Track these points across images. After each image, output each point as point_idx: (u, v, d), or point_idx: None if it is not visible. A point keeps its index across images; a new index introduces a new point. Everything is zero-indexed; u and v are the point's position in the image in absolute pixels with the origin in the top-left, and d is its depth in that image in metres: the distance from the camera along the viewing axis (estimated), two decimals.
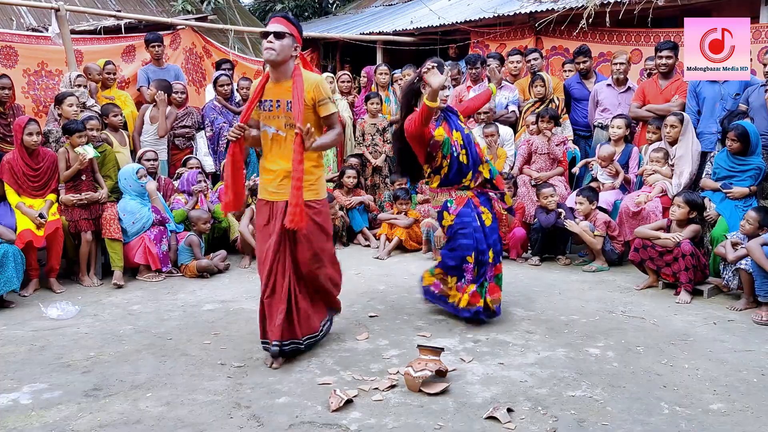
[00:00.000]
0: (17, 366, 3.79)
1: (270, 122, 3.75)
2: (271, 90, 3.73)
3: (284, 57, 3.64)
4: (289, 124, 3.68)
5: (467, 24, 9.37)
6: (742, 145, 5.26)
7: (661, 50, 6.35)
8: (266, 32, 3.62)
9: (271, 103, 3.73)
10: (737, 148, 5.29)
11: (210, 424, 3.08)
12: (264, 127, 3.79)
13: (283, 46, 3.60)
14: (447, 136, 4.31)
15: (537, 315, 4.66)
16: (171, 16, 11.25)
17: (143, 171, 5.87)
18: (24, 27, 9.75)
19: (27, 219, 5.24)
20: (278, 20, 3.66)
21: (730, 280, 4.91)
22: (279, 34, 3.59)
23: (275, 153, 3.78)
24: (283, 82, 3.70)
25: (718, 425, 3.05)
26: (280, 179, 3.73)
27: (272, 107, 3.72)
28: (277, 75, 3.71)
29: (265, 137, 3.80)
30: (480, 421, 3.08)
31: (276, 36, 3.59)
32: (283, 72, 3.70)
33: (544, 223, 6.01)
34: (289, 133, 3.67)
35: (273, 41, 3.57)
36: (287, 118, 3.68)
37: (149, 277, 5.69)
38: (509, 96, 7.31)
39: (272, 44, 3.57)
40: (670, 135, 5.92)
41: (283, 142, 3.73)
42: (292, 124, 3.62)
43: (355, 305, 4.88)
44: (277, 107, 3.71)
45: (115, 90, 7.20)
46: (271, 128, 3.75)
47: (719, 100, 5.99)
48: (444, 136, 4.30)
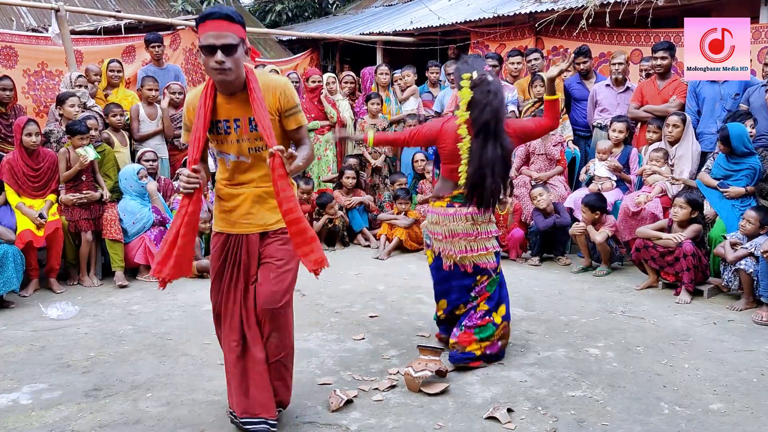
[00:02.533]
0: (17, 366, 3.79)
1: (228, 148, 2.88)
2: (224, 107, 2.83)
3: (239, 73, 2.75)
4: (254, 148, 2.86)
5: (467, 24, 9.37)
6: (726, 146, 5.27)
7: (656, 51, 6.36)
8: (211, 46, 2.64)
9: (227, 125, 2.85)
10: (723, 150, 5.31)
11: (210, 424, 3.08)
12: (221, 155, 2.93)
13: (237, 60, 2.70)
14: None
15: (537, 315, 4.66)
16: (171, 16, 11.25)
17: (144, 171, 5.87)
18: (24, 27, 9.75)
19: (27, 219, 5.24)
20: (221, 24, 2.66)
21: (731, 281, 4.91)
22: (229, 48, 2.66)
23: (237, 178, 2.94)
24: (238, 95, 2.82)
25: (718, 425, 3.05)
26: (248, 206, 2.92)
27: (229, 129, 2.85)
28: (230, 88, 2.79)
29: (222, 162, 2.97)
30: (480, 421, 3.08)
31: (226, 51, 2.65)
32: (236, 85, 2.79)
33: (541, 226, 6.01)
34: (256, 157, 2.88)
35: (224, 59, 2.65)
36: (250, 139, 2.85)
37: (149, 278, 5.68)
38: (508, 96, 7.29)
39: (224, 64, 2.65)
40: (672, 135, 5.91)
41: (248, 168, 2.92)
42: (260, 146, 2.85)
43: (355, 305, 4.88)
44: (236, 128, 2.84)
45: (123, 89, 7.14)
46: (229, 155, 2.90)
47: (719, 100, 6.00)
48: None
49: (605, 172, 6.31)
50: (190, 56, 8.88)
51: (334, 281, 5.48)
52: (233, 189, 2.94)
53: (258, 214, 2.92)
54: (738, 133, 5.23)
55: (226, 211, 2.97)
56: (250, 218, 2.93)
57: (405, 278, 5.62)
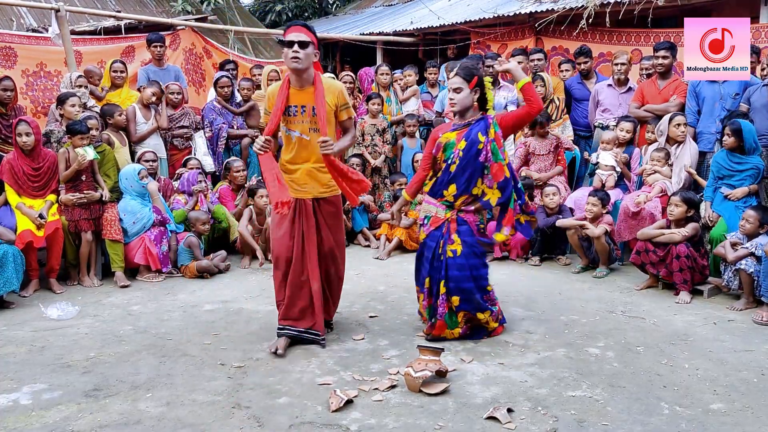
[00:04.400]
0: (17, 366, 3.79)
1: (294, 126, 3.91)
2: (295, 96, 3.88)
3: (308, 65, 3.79)
4: (313, 128, 3.87)
5: (467, 24, 9.38)
6: (736, 140, 5.25)
7: (658, 50, 6.36)
8: (291, 41, 3.72)
9: (296, 109, 3.89)
10: (731, 144, 5.27)
11: (210, 424, 3.08)
12: (288, 132, 3.94)
13: (308, 55, 3.75)
14: (453, 141, 4.05)
15: (537, 315, 4.66)
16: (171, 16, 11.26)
17: (145, 172, 5.87)
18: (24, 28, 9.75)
19: (27, 219, 5.24)
20: (300, 29, 3.78)
21: (731, 281, 4.91)
22: (303, 44, 3.72)
23: (300, 154, 3.95)
24: (306, 88, 3.87)
25: (719, 425, 3.05)
26: (305, 176, 3.95)
27: (297, 112, 3.89)
28: (301, 82, 3.85)
29: (288, 140, 3.98)
30: (480, 421, 3.08)
31: (301, 45, 3.71)
32: (306, 79, 3.84)
33: (542, 224, 6.01)
34: (313, 136, 3.86)
35: (299, 50, 3.71)
36: (311, 122, 3.87)
37: (149, 278, 5.69)
38: (508, 96, 7.31)
39: (298, 53, 3.71)
40: (684, 134, 5.87)
41: (307, 144, 3.91)
42: (316, 128, 3.85)
43: (355, 305, 4.88)
44: (302, 112, 3.89)
45: (127, 89, 7.11)
46: (295, 132, 3.92)
47: (719, 99, 5.99)
48: (451, 140, 4.06)
49: (610, 160, 6.29)
50: (189, 56, 8.88)
51: None
52: (294, 165, 3.97)
53: (311, 185, 3.96)
54: (750, 128, 5.24)
55: (290, 180, 3.95)
56: (305, 186, 3.97)
57: (405, 278, 5.61)
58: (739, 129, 5.22)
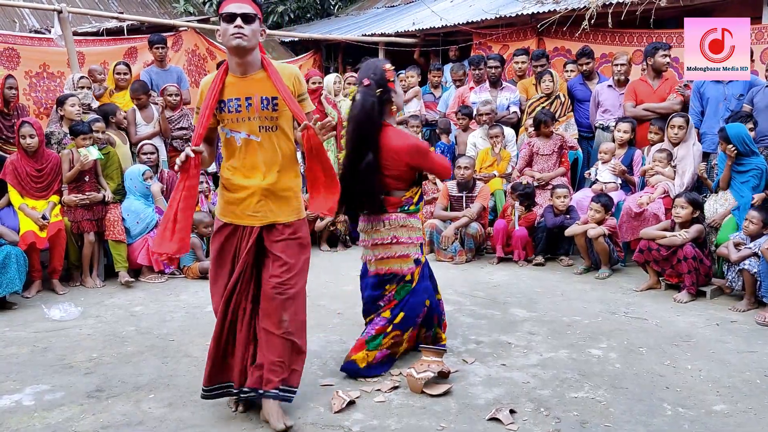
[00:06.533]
0: (20, 367, 3.79)
1: (237, 126, 2.99)
2: (236, 86, 2.98)
3: (255, 44, 2.96)
4: (265, 127, 3.00)
5: (469, 25, 9.37)
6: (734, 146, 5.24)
7: (664, 49, 6.39)
8: (231, 14, 2.88)
9: (238, 103, 2.97)
10: (733, 150, 5.26)
11: (212, 425, 3.08)
12: (230, 133, 3.01)
13: (254, 31, 2.92)
14: None
15: (539, 316, 4.65)
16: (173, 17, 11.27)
17: (150, 173, 5.89)
18: (27, 29, 9.77)
19: (30, 220, 5.25)
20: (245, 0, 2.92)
21: (734, 281, 4.90)
22: (248, 17, 2.89)
23: (248, 163, 3.01)
24: (252, 75, 2.99)
25: (721, 426, 3.05)
26: (257, 199, 3.01)
27: (240, 107, 2.97)
28: (244, 67, 2.97)
29: (230, 144, 3.04)
30: (482, 422, 3.08)
31: (244, 19, 2.88)
32: (251, 63, 2.98)
33: (550, 224, 6.00)
34: (265, 138, 3.00)
35: (243, 26, 2.87)
36: (262, 118, 2.99)
37: (152, 279, 5.69)
38: (510, 97, 7.31)
39: (242, 29, 2.87)
40: (678, 136, 5.87)
41: (258, 148, 3.00)
42: (271, 125, 3.00)
43: (357, 306, 4.85)
44: (247, 107, 2.97)
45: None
46: (239, 133, 2.99)
47: (723, 100, 5.99)
48: None
49: (610, 177, 6.30)
50: (192, 58, 8.89)
51: (335, 282, 5.48)
52: (242, 179, 3.02)
53: (266, 209, 3.02)
54: (737, 133, 5.22)
55: (235, 201, 3.04)
56: (259, 211, 3.02)
57: None
58: (726, 135, 5.23)
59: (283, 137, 3.05)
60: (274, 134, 3.01)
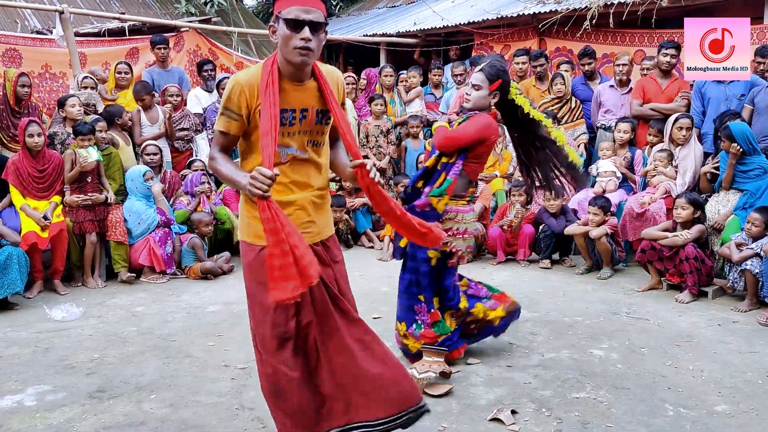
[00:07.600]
0: (21, 368, 3.80)
1: (289, 141, 2.45)
2: (291, 95, 2.42)
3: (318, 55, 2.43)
4: (314, 141, 2.51)
5: (470, 25, 9.37)
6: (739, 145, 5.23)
7: (667, 48, 6.35)
8: (299, 21, 2.28)
9: (293, 115, 2.43)
10: (738, 149, 5.24)
11: (214, 426, 3.08)
12: (278, 148, 2.39)
13: (321, 41, 2.37)
14: None
15: (541, 316, 4.65)
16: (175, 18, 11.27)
17: (151, 173, 5.89)
18: (29, 30, 9.77)
19: (31, 221, 5.26)
20: (314, 2, 2.34)
21: (736, 282, 4.89)
22: (317, 25, 2.32)
23: (290, 178, 2.47)
24: (307, 83, 2.46)
25: (723, 427, 3.04)
26: (308, 213, 2.52)
27: (294, 120, 2.44)
28: (301, 74, 2.42)
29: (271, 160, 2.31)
30: (484, 422, 3.08)
31: (313, 28, 2.31)
32: (308, 70, 2.45)
33: (557, 229, 5.99)
34: (312, 153, 2.51)
35: (310, 37, 2.30)
36: (313, 133, 2.50)
37: (153, 279, 5.70)
38: None
39: (310, 42, 2.30)
40: (684, 137, 5.85)
41: (301, 164, 2.50)
42: (319, 141, 2.53)
43: (359, 307, 4.84)
44: (301, 119, 2.45)
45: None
46: (290, 148, 2.46)
47: (724, 100, 5.98)
48: None
49: (610, 166, 6.28)
50: (193, 58, 8.89)
51: None
52: (285, 195, 2.45)
53: (318, 222, 2.56)
54: (741, 131, 5.21)
55: None
56: (308, 227, 2.51)
57: None
58: (731, 134, 5.22)
59: (324, 152, 2.59)
60: (319, 149, 2.54)
